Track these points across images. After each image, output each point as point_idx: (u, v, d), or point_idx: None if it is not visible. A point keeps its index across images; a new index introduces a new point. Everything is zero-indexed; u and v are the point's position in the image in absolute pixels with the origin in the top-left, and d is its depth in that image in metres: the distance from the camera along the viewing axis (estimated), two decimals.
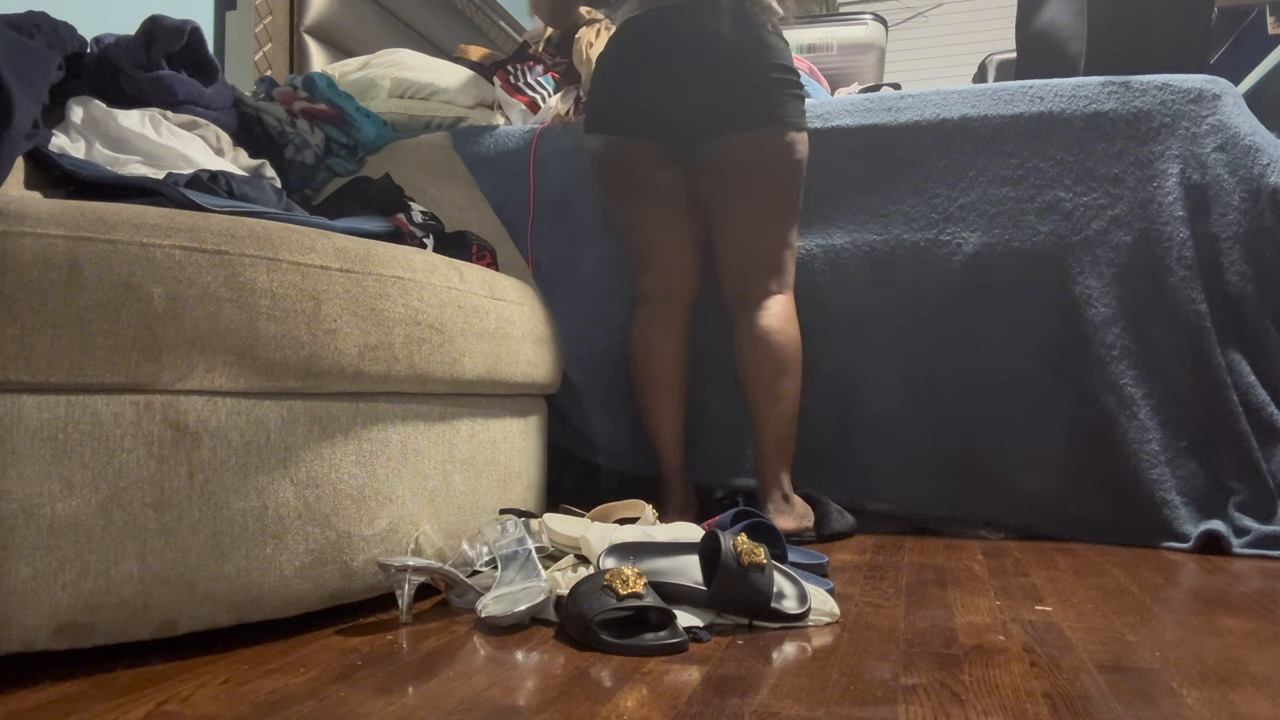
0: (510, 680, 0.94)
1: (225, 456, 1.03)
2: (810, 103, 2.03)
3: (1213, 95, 1.83)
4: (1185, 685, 0.93)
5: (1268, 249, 1.76)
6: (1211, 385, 1.76)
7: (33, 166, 1.32)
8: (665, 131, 1.77)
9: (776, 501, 1.76)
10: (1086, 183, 1.84)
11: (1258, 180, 1.77)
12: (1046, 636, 1.11)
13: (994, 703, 0.88)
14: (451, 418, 1.34)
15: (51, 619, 0.93)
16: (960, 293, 1.87)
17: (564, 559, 1.33)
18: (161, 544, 0.99)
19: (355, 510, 1.16)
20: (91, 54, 1.58)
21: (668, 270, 1.86)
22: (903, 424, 1.90)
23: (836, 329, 1.93)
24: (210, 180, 1.34)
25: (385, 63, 2.37)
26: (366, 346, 1.16)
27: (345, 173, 2.10)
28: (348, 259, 1.15)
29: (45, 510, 0.92)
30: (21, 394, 0.92)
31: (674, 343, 1.86)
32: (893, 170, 1.94)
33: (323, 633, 1.12)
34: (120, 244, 0.97)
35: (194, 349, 1.00)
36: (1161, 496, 1.75)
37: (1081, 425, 1.81)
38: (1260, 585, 1.42)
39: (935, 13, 5.77)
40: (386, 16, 2.94)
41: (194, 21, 1.66)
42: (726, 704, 0.87)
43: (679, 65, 1.71)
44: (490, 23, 3.67)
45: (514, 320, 1.47)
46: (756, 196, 1.75)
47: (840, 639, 1.10)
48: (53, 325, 0.93)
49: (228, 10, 2.44)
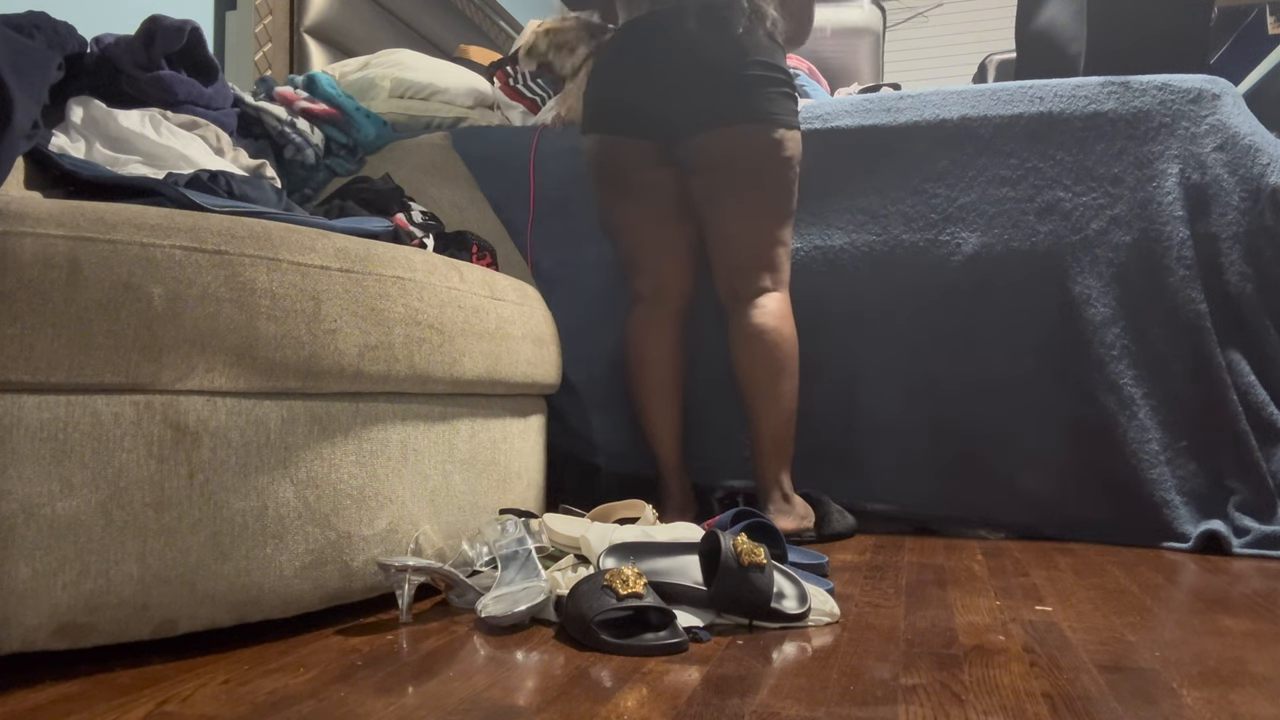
0: (510, 680, 0.94)
1: (225, 456, 1.03)
2: (810, 103, 2.03)
3: (1212, 95, 1.83)
4: (1185, 685, 0.93)
5: (1268, 249, 1.76)
6: (1211, 385, 1.76)
7: (33, 166, 1.32)
8: (654, 129, 1.78)
9: (776, 501, 1.76)
10: (1086, 183, 1.84)
11: (1257, 180, 1.77)
12: (1046, 636, 1.11)
13: (994, 703, 0.88)
14: (451, 418, 1.34)
15: (51, 619, 0.93)
16: (959, 293, 1.87)
17: (564, 559, 1.33)
18: (161, 544, 0.99)
19: (355, 510, 1.16)
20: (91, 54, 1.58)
21: (661, 270, 1.87)
22: (903, 424, 1.90)
23: (836, 329, 1.93)
24: (210, 180, 1.34)
25: (385, 63, 2.37)
26: (366, 346, 1.16)
27: (345, 173, 2.11)
28: (348, 259, 1.15)
29: (45, 510, 0.92)
30: (21, 394, 0.92)
31: (668, 342, 1.86)
32: (892, 171, 1.94)
33: (323, 633, 1.12)
34: (120, 244, 0.97)
35: (194, 349, 1.00)
36: (1161, 496, 1.75)
37: (1081, 425, 1.81)
38: (1260, 585, 1.42)
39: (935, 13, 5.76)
40: (386, 16, 2.94)
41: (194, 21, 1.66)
42: (726, 704, 0.87)
43: (667, 65, 1.73)
44: (490, 23, 3.67)
45: (514, 320, 1.47)
46: (744, 193, 1.76)
47: (840, 639, 1.10)
48: (53, 325, 0.93)
49: (228, 10, 2.44)
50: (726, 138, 1.73)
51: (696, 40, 1.72)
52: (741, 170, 1.74)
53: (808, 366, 1.84)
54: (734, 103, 1.72)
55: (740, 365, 1.77)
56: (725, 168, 1.74)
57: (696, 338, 1.95)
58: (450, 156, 2.15)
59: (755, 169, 1.74)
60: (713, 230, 1.81)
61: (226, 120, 1.74)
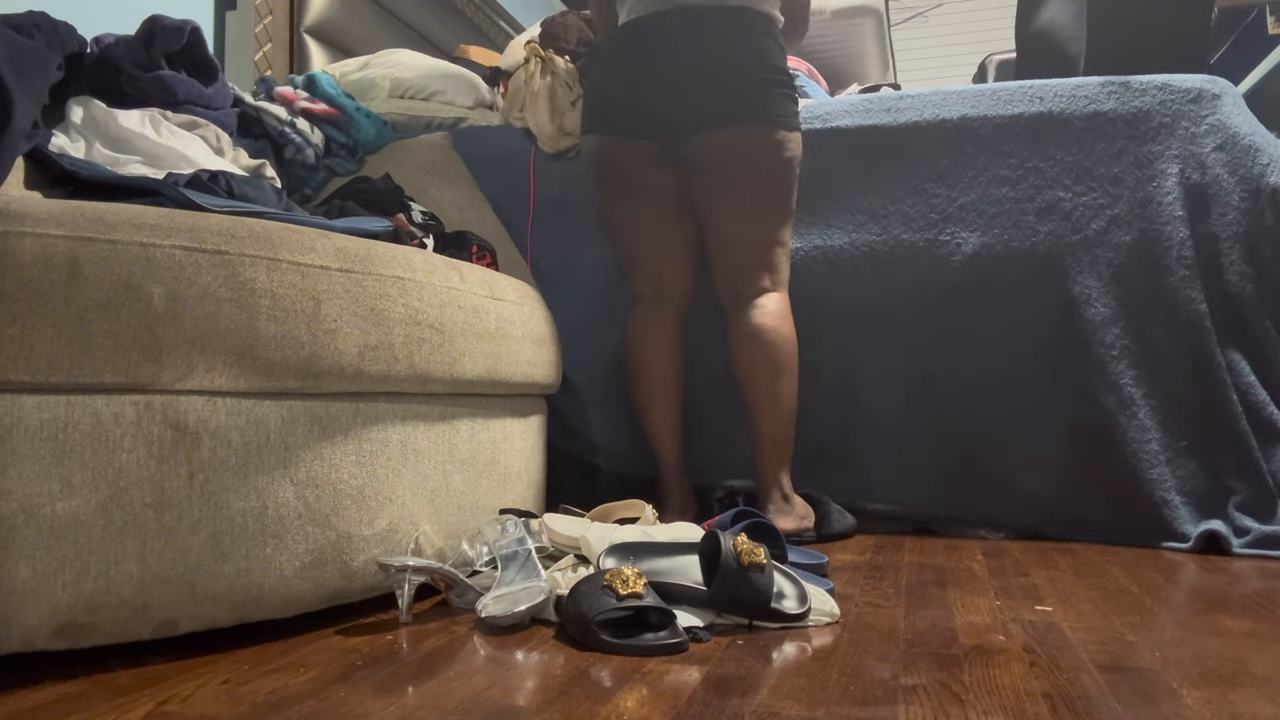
0: (510, 680, 0.94)
1: (225, 456, 1.03)
2: (810, 103, 2.03)
3: (1212, 95, 1.83)
4: (1185, 685, 0.93)
5: (1268, 249, 1.76)
6: (1211, 385, 1.76)
7: (33, 166, 1.32)
8: (655, 129, 1.78)
9: (776, 501, 1.76)
10: (1086, 183, 1.84)
11: (1257, 180, 1.77)
12: (1046, 636, 1.11)
13: (994, 703, 0.88)
14: (451, 418, 1.34)
15: (51, 619, 0.93)
16: (959, 293, 1.87)
17: (564, 559, 1.33)
18: (161, 544, 0.99)
19: (355, 510, 1.16)
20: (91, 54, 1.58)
21: (661, 270, 1.87)
22: (903, 424, 1.90)
23: (836, 329, 1.93)
24: (210, 180, 1.34)
25: (385, 63, 2.37)
26: (366, 346, 1.16)
27: (345, 173, 2.11)
28: (348, 259, 1.15)
29: (45, 510, 0.92)
30: (21, 394, 0.92)
31: (668, 342, 1.87)
32: (892, 170, 1.94)
33: (323, 633, 1.12)
34: (120, 244, 0.97)
35: (194, 349, 1.00)
36: (1161, 496, 1.75)
37: (1081, 425, 1.81)
38: (1260, 585, 1.42)
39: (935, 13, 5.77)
40: (386, 16, 2.94)
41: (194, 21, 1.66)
42: (726, 704, 0.87)
43: (668, 64, 1.73)
44: (490, 23, 3.67)
45: (514, 320, 1.47)
46: (744, 193, 1.76)
47: (840, 639, 1.10)
48: (53, 325, 0.93)
49: (228, 10, 2.44)
50: (729, 139, 1.73)
51: (699, 41, 1.71)
52: (743, 171, 1.74)
53: (807, 366, 1.84)
54: (737, 104, 1.72)
55: (740, 365, 1.78)
56: (727, 168, 1.75)
57: (696, 338, 1.95)
58: (450, 156, 2.15)
59: (757, 170, 1.74)
60: (713, 230, 1.81)
61: (226, 120, 1.74)
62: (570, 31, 2.24)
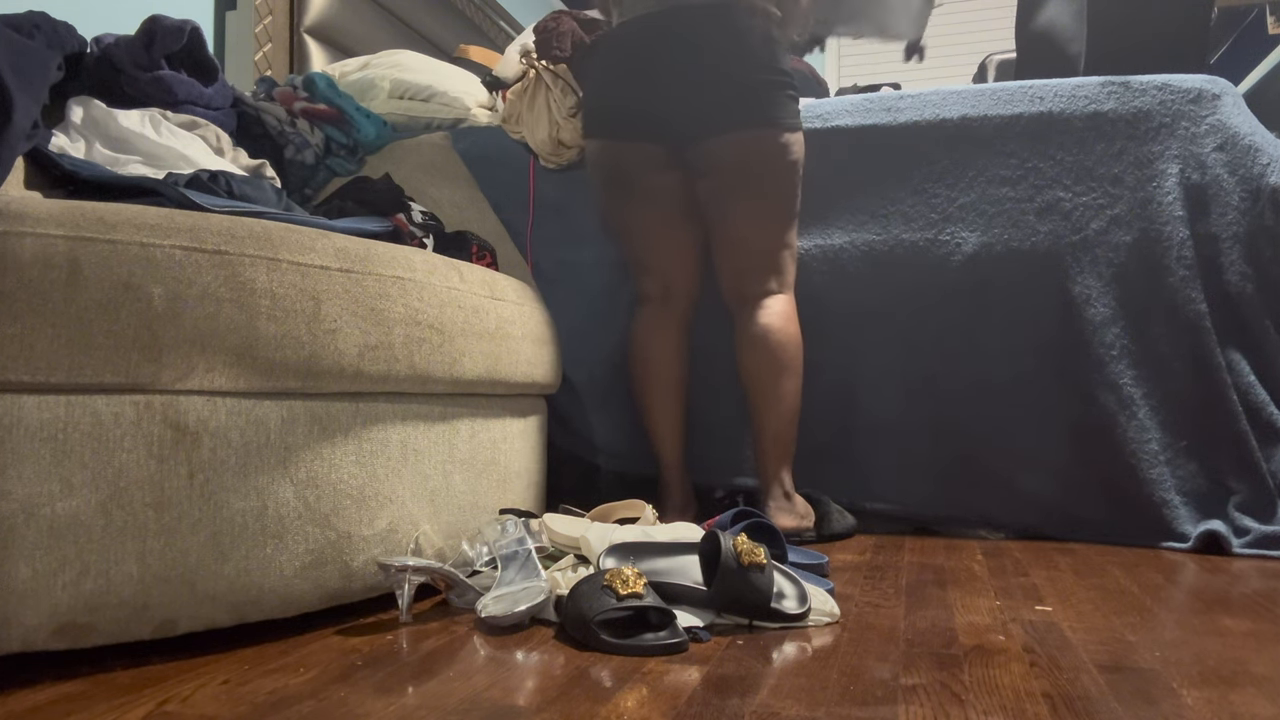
0: (510, 680, 0.94)
1: (225, 456, 1.03)
2: (810, 103, 2.03)
3: (1212, 95, 1.83)
4: (1185, 685, 0.93)
5: (1268, 249, 1.76)
6: (1211, 385, 1.76)
7: (33, 166, 1.32)
8: (661, 133, 1.77)
9: (777, 498, 1.76)
10: (1086, 183, 1.84)
11: (1257, 180, 1.77)
12: (1046, 636, 1.11)
13: (994, 703, 0.88)
14: (451, 418, 1.34)
15: (51, 619, 0.93)
16: (959, 293, 1.87)
17: (564, 559, 1.33)
18: (161, 544, 0.99)
19: (355, 510, 1.16)
20: (91, 54, 1.58)
21: (667, 271, 1.87)
22: (903, 424, 1.90)
23: (836, 329, 1.93)
24: (210, 180, 1.34)
25: (385, 64, 2.37)
26: (366, 346, 1.16)
27: (345, 173, 2.11)
28: (348, 259, 1.15)
29: (45, 510, 0.92)
30: (21, 394, 0.92)
31: (673, 343, 1.87)
32: (892, 170, 1.94)
33: (323, 633, 1.12)
34: (120, 244, 0.97)
35: (194, 349, 1.00)
36: (1161, 496, 1.75)
37: (1081, 425, 1.81)
38: (1260, 585, 1.42)
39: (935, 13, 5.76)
40: (386, 16, 2.94)
41: (194, 21, 1.66)
42: (726, 704, 0.87)
43: (672, 66, 1.72)
44: (490, 23, 3.67)
45: (514, 320, 1.47)
46: (751, 196, 1.76)
47: (840, 639, 1.10)
48: (53, 325, 0.93)
49: (228, 10, 2.44)
50: (736, 142, 1.72)
51: (702, 42, 1.71)
52: (751, 174, 1.74)
53: (808, 366, 1.83)
54: (744, 107, 1.71)
55: (745, 366, 1.78)
56: (734, 171, 1.74)
57: (696, 338, 1.95)
58: (450, 156, 2.15)
59: (764, 173, 1.74)
60: (720, 233, 1.81)
61: (226, 120, 1.75)
62: (564, 39, 2.23)
